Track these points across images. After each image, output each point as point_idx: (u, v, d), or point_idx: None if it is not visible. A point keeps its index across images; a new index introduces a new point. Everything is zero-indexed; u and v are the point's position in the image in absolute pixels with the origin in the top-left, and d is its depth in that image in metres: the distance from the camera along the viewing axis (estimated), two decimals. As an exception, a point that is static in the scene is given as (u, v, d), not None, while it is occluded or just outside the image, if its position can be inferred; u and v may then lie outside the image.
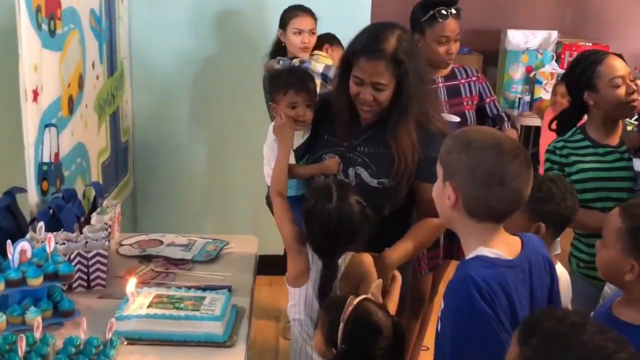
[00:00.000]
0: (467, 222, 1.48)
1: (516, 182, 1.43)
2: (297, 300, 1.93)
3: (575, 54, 4.34)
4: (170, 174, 3.83)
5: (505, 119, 2.77)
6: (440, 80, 2.65)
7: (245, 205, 3.88)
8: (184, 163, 3.82)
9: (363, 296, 1.66)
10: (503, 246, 1.48)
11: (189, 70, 3.70)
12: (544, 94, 4.27)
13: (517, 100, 4.40)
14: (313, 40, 3.05)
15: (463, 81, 2.69)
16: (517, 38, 4.40)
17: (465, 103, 2.66)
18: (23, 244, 1.92)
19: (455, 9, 2.57)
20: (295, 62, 2.99)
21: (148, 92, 3.69)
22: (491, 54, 4.67)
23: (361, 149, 2.07)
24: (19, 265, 1.88)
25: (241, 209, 3.90)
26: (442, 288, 2.84)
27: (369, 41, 1.97)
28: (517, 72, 4.38)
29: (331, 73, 2.91)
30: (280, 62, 3.06)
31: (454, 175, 1.46)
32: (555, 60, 4.33)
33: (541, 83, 4.25)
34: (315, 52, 3.05)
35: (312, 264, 1.89)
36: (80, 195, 2.54)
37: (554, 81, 4.25)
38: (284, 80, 2.14)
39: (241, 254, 2.46)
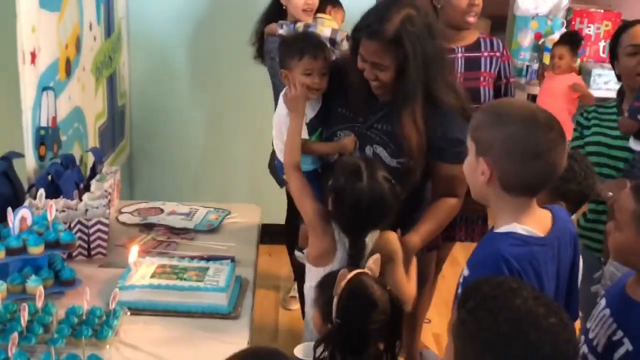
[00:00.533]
0: (501, 196, 1.46)
1: (552, 155, 1.42)
2: None
3: (585, 21, 4.29)
4: (168, 138, 3.77)
5: None
6: (460, 50, 2.53)
7: (244, 171, 3.84)
8: (182, 127, 3.76)
9: (358, 270, 1.63)
10: (535, 222, 1.48)
11: (187, 31, 3.62)
12: (553, 61, 4.19)
13: (525, 67, 4.30)
14: (316, 2, 2.93)
15: (486, 54, 2.56)
16: (526, 3, 4.28)
17: (482, 78, 2.53)
18: (23, 212, 1.87)
19: None
20: (300, 26, 2.84)
21: (145, 54, 3.61)
22: (499, 20, 4.54)
23: (379, 126, 2.00)
24: (19, 233, 1.84)
25: (240, 175, 3.85)
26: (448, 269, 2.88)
27: (372, 19, 1.90)
28: (525, 39, 4.28)
29: (338, 37, 2.82)
30: (283, 26, 2.94)
31: (488, 151, 1.44)
32: (565, 27, 4.23)
33: (550, 50, 4.17)
34: (319, 15, 2.93)
35: (337, 243, 1.84)
36: (77, 161, 2.49)
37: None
38: (299, 45, 2.03)
39: (244, 224, 2.43)
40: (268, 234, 2.93)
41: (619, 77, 2.37)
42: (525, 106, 1.49)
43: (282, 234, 3.43)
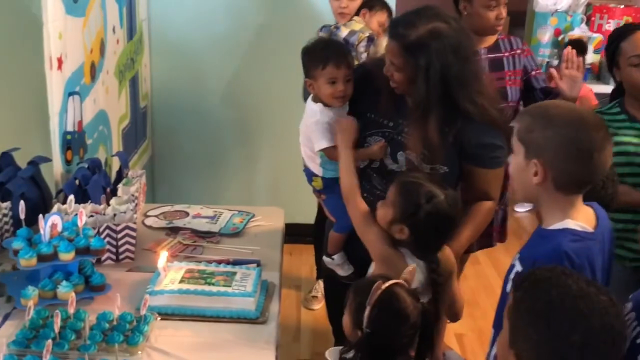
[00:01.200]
0: (553, 195, 1.52)
1: (603, 154, 1.48)
2: None
3: (605, 17, 4.25)
4: (189, 139, 3.80)
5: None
6: (483, 52, 2.57)
7: (264, 171, 3.86)
8: (203, 128, 3.78)
9: (393, 281, 1.63)
10: (584, 218, 1.53)
11: (207, 33, 3.63)
12: (572, 58, 4.16)
13: (544, 64, 4.26)
14: (352, 6, 2.97)
15: (507, 54, 2.60)
16: (546, -1, 4.26)
17: (507, 78, 2.57)
18: (54, 218, 1.90)
19: None
20: (333, 28, 2.96)
21: (166, 56, 3.64)
22: (518, 16, 4.50)
23: (409, 130, 1.96)
24: (50, 240, 1.87)
25: (260, 175, 3.87)
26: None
27: (400, 20, 1.92)
28: (545, 35, 4.24)
29: (354, 39, 2.85)
30: (323, 29, 3.02)
31: (541, 153, 1.49)
32: (585, 23, 4.19)
33: (567, 48, 4.15)
34: (354, 17, 2.98)
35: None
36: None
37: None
38: (322, 53, 2.02)
39: (268, 227, 2.44)
40: (289, 234, 2.94)
41: (620, 84, 2.35)
42: (572, 108, 1.56)
43: (301, 234, 3.45)
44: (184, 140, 3.79)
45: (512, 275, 1.52)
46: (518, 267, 1.51)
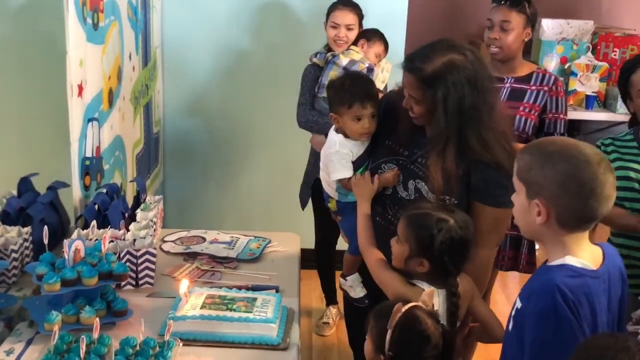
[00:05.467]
0: (557, 233, 1.48)
1: (606, 188, 1.44)
2: None
3: (611, 45, 4.30)
4: (200, 165, 3.82)
5: None
6: (509, 80, 2.62)
7: (271, 199, 3.87)
8: (214, 154, 3.81)
9: (413, 303, 1.64)
10: (588, 256, 1.50)
11: (219, 60, 3.68)
12: (579, 86, 4.18)
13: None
14: (350, 36, 3.01)
15: (534, 87, 2.63)
16: (551, 27, 4.30)
17: (522, 109, 2.59)
18: (77, 243, 1.91)
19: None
20: (329, 55, 3.01)
21: (179, 82, 3.68)
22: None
23: (422, 160, 1.99)
24: (74, 265, 1.88)
25: (267, 203, 3.88)
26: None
27: (415, 54, 1.92)
28: (551, 63, 4.26)
29: (355, 68, 2.91)
30: (318, 55, 3.06)
31: (541, 191, 1.46)
32: (591, 52, 4.23)
33: (576, 75, 4.16)
34: (351, 47, 3.03)
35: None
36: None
37: (589, 73, 4.18)
38: (349, 92, 2.03)
39: (284, 252, 2.46)
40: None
41: (634, 115, 2.38)
42: (569, 143, 1.50)
43: (311, 259, 3.46)
44: (195, 165, 3.82)
45: (513, 312, 1.51)
46: (518, 304, 1.50)
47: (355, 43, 3.03)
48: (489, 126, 1.92)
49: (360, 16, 3.04)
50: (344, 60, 2.96)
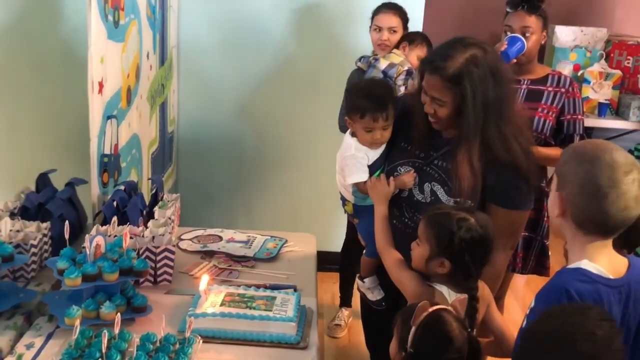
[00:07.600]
0: (574, 232, 1.50)
1: (624, 198, 1.42)
2: None
3: (624, 53, 4.30)
4: (213, 165, 3.82)
5: (577, 139, 2.62)
6: (525, 82, 2.63)
7: (287, 199, 3.87)
8: (228, 155, 3.81)
9: (441, 306, 1.64)
10: (607, 264, 1.48)
11: (234, 60, 3.67)
12: (592, 93, 4.19)
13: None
14: (393, 39, 3.00)
15: (550, 89, 2.64)
16: (565, 35, 4.31)
17: (539, 109, 2.61)
18: (98, 239, 1.91)
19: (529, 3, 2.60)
20: (371, 59, 2.99)
21: (194, 82, 3.68)
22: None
23: (439, 163, 1.99)
24: (94, 260, 1.88)
25: (282, 203, 3.88)
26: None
27: (438, 55, 1.91)
28: (564, 70, 4.25)
29: (392, 71, 2.88)
30: (362, 59, 3.04)
31: (565, 186, 1.49)
32: (604, 59, 4.24)
33: (589, 82, 4.17)
34: (393, 50, 3.01)
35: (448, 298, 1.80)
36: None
37: (602, 81, 4.18)
38: (361, 103, 2.02)
39: (301, 252, 2.45)
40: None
41: None
42: (604, 147, 1.49)
43: (323, 261, 3.45)
44: (208, 165, 3.82)
45: (527, 311, 1.51)
46: (532, 303, 1.50)
47: (397, 46, 3.02)
48: (509, 120, 1.91)
49: (405, 19, 3.03)
50: (383, 64, 2.93)
